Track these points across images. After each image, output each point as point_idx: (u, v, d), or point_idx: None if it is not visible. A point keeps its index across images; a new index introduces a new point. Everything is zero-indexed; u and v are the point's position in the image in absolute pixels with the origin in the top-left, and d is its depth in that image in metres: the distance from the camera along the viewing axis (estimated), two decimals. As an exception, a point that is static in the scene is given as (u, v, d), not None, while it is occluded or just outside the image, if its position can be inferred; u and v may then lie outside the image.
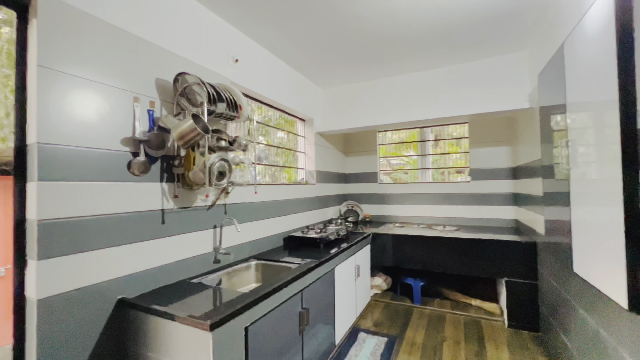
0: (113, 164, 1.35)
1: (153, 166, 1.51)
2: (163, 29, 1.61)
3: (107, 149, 1.32)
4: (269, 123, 2.89)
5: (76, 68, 1.23)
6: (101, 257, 1.29)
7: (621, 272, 1.11)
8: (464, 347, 2.30)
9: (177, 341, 1.20)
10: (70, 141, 1.21)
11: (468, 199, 3.45)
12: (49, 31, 1.16)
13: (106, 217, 1.31)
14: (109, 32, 1.35)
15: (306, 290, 1.81)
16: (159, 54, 1.58)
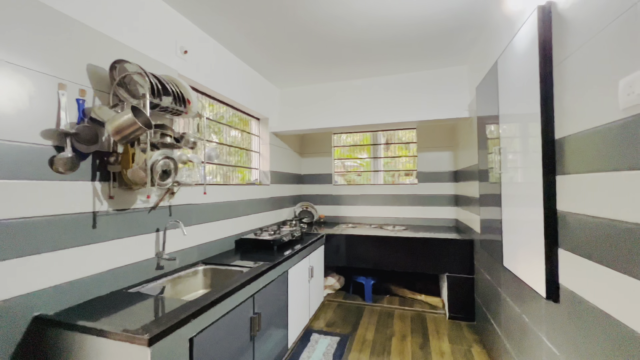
0: (31, 160, 1.16)
1: (83, 163, 1.34)
2: (97, 9, 1.43)
3: (22, 142, 1.13)
4: (222, 121, 2.76)
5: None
6: (13, 268, 1.10)
7: (541, 265, 1.26)
8: (410, 341, 2.43)
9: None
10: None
11: (415, 200, 3.67)
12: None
13: (20, 221, 1.12)
14: (30, 6, 1.16)
15: (258, 294, 1.76)
16: (92, 37, 1.40)
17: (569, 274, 1.14)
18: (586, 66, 1.02)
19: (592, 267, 1.00)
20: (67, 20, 1.29)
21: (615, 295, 0.89)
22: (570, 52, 1.11)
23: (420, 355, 2.23)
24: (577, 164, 1.07)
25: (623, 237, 0.85)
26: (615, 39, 0.89)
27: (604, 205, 0.94)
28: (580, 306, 1.06)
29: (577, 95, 1.07)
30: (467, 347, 2.32)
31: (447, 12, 2.00)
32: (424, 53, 2.61)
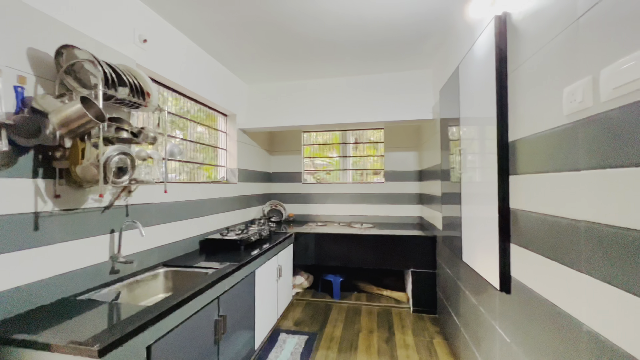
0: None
1: (22, 158, 1.20)
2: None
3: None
4: (187, 116, 2.63)
5: None
6: None
7: (495, 259, 1.35)
8: (377, 335, 2.50)
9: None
10: None
11: (382, 199, 3.76)
12: None
13: (-58, 223, 0.98)
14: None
15: (224, 296, 1.70)
16: (34, 18, 1.26)
17: (519, 267, 1.23)
18: (536, 74, 1.10)
19: (538, 260, 1.08)
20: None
21: (557, 285, 0.97)
22: (522, 60, 1.19)
23: (386, 348, 2.30)
24: (527, 165, 1.16)
25: (563, 232, 0.93)
26: (560, 51, 0.96)
27: (548, 203, 1.02)
28: (529, 296, 1.15)
29: (528, 101, 1.15)
30: (429, 339, 2.43)
31: (414, 17, 2.07)
32: (391, 55, 2.68)
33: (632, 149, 0.70)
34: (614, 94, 0.75)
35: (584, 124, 0.85)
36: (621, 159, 0.73)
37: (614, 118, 0.75)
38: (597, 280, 0.80)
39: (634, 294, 0.69)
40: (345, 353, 2.24)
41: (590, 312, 0.83)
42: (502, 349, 1.37)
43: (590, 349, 0.83)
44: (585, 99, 0.84)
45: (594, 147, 0.82)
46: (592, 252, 0.82)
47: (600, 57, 0.79)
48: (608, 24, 0.77)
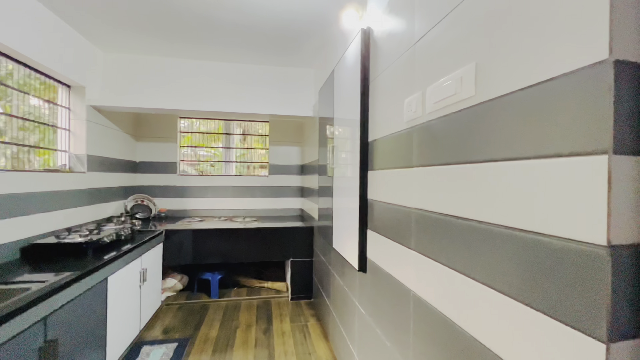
0: None
1: None
2: None
3: None
4: (7, 81, 1.92)
5: None
6: None
7: (355, 243, 1.54)
8: (255, 328, 2.50)
9: None
10: None
11: (266, 192, 3.77)
12: None
13: None
14: None
15: (54, 315, 1.34)
16: None
17: (373, 249, 1.44)
18: (388, 85, 1.29)
19: (385, 241, 1.29)
20: None
21: (396, 261, 1.19)
22: (380, 72, 1.38)
23: (263, 339, 2.33)
24: (380, 162, 1.36)
25: (401, 217, 1.14)
26: (403, 68, 1.16)
27: (391, 194, 1.23)
28: (377, 272, 1.36)
29: (382, 107, 1.35)
30: (304, 323, 2.59)
31: (293, 14, 2.12)
32: (276, 48, 2.68)
33: (442, 151, 0.91)
34: (434, 107, 0.95)
35: (416, 130, 1.06)
36: (435, 158, 0.94)
37: (433, 126, 0.96)
38: (419, 253, 1.02)
39: (441, 262, 0.90)
40: (221, 353, 2.15)
41: (415, 280, 1.05)
42: (360, 321, 1.59)
43: (415, 310, 1.04)
44: (417, 110, 1.04)
45: (422, 148, 1.02)
46: (418, 232, 1.03)
47: (427, 76, 0.99)
48: (433, 53, 0.97)
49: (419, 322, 1.01)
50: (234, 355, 2.13)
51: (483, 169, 0.75)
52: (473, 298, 0.77)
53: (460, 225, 0.82)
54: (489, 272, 0.72)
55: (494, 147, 0.72)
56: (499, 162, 0.70)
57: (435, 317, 0.92)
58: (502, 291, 0.68)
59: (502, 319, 0.68)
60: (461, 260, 0.82)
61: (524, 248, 0.63)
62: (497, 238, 0.70)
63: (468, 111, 0.80)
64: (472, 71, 0.79)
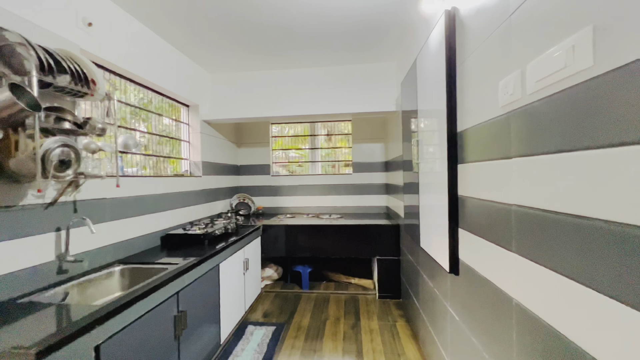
0: None
1: (-58, 151, 1.09)
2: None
3: None
4: (148, 107, 2.50)
5: None
6: None
7: (445, 244, 1.43)
8: (343, 322, 2.57)
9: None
10: None
11: (350, 190, 3.83)
12: None
13: None
14: None
15: (183, 291, 1.66)
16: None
17: (466, 250, 1.31)
18: (478, 68, 1.16)
19: (480, 242, 1.16)
20: None
21: (494, 264, 1.05)
22: (468, 54, 1.25)
23: (351, 334, 2.38)
24: (471, 154, 1.23)
25: (498, 215, 1.01)
26: (497, 46, 1.02)
27: (486, 189, 1.09)
28: (471, 276, 1.24)
29: (473, 93, 1.22)
30: (392, 323, 2.54)
31: (373, 9, 2.09)
32: (356, 47, 2.70)
33: (548, 138, 0.77)
34: (536, 86, 0.81)
35: (515, 115, 0.92)
36: (540, 146, 0.80)
37: (536, 108, 0.82)
38: (521, 257, 0.88)
39: (551, 269, 0.77)
40: (312, 341, 2.29)
41: (518, 287, 0.91)
42: (453, 326, 1.47)
43: (518, 321, 0.91)
44: (515, 91, 0.90)
45: (522, 135, 0.88)
46: (520, 233, 0.89)
47: (527, 51, 0.85)
48: (533, 22, 0.83)
49: (524, 335, 0.88)
50: (324, 345, 2.24)
51: (610, 155, 0.60)
52: (599, 315, 0.63)
53: (579, 226, 0.68)
54: (620, 284, 0.58)
55: (624, 128, 0.57)
56: (631, 145, 0.56)
57: (546, 332, 0.79)
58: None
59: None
60: (580, 268, 0.68)
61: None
62: (634, 243, 0.56)
63: (585, 86, 0.66)
64: (588, 37, 0.64)
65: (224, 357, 2.08)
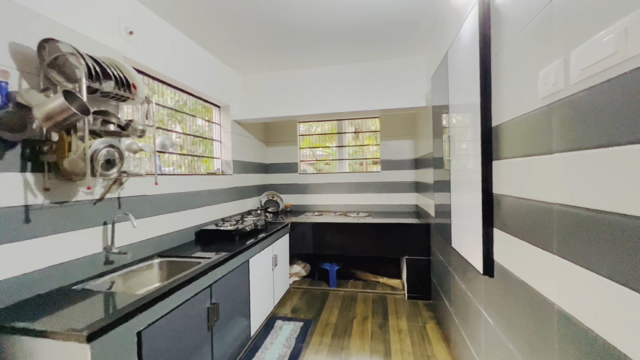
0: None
1: (9, 152, 1.22)
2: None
3: None
4: (183, 109, 2.63)
5: None
6: None
7: (479, 244, 1.37)
8: (371, 321, 2.55)
9: (46, 359, 1.01)
10: None
11: (378, 188, 3.77)
12: None
13: None
14: None
15: (216, 284, 1.74)
16: (14, 12, 1.26)
17: (501, 251, 1.24)
18: (516, 58, 1.09)
19: (517, 243, 1.09)
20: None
21: (533, 267, 0.99)
22: (504, 44, 1.18)
23: (379, 333, 2.35)
24: (508, 150, 1.16)
25: (538, 215, 0.94)
26: (536, 33, 0.95)
27: (524, 187, 1.03)
28: (507, 278, 1.17)
29: (509, 85, 1.15)
30: (422, 324, 2.47)
31: (401, 4, 2.03)
32: (383, 42, 2.65)
33: (596, 131, 0.71)
34: (582, 75, 0.75)
35: (557, 106, 0.86)
36: (586, 140, 0.74)
37: (582, 99, 0.75)
38: (564, 259, 0.82)
39: (600, 274, 0.71)
40: (339, 338, 2.30)
41: (560, 292, 0.85)
42: (487, 331, 1.41)
43: (561, 328, 0.85)
44: (557, 82, 0.84)
45: (565, 129, 0.82)
46: (563, 234, 0.83)
47: (571, 37, 0.79)
48: (579, 5, 0.76)
49: (567, 344, 0.82)
50: (351, 343, 2.24)
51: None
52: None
53: (632, 227, 0.62)
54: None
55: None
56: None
57: (594, 343, 0.73)
58: None
59: None
60: (634, 274, 0.62)
61: None
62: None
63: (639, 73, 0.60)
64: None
65: (254, 350, 2.15)
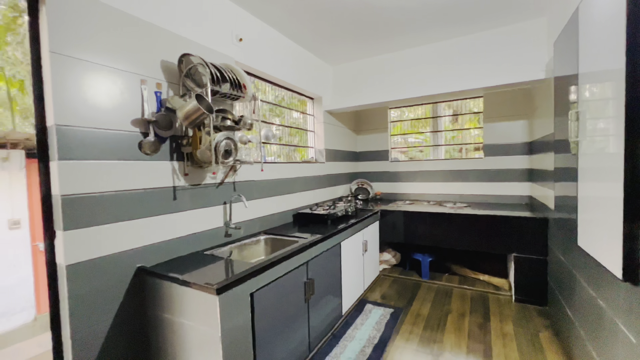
0: (125, 144, 1.44)
1: (163, 145, 1.60)
2: (166, 11, 1.64)
3: (118, 130, 1.41)
4: (281, 103, 2.92)
5: (85, 53, 1.30)
6: (120, 229, 1.41)
7: (618, 244, 1.11)
8: (469, 319, 2.36)
9: (190, 304, 1.32)
10: (85, 123, 1.30)
11: (482, 176, 3.38)
12: (57, 18, 1.22)
13: (122, 193, 1.42)
14: (113, 15, 1.40)
15: (312, 262, 1.90)
16: (163, 36, 1.62)
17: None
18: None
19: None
20: (142, 23, 1.52)
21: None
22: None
23: (478, 333, 2.17)
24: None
25: None
26: None
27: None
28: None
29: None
30: (534, 332, 2.16)
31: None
32: (489, 8, 2.31)
33: None
34: None
35: None
36: None
37: None
38: None
39: None
40: (432, 331, 2.22)
41: None
42: (626, 350, 1.14)
43: None
44: None
45: None
46: None
47: None
48: None
49: None
50: (445, 337, 2.14)
51: None
52: None
53: None
54: None
55: None
56: None
57: None
58: None
59: None
60: None
61: None
62: None
63: None
64: None
65: (345, 327, 2.28)
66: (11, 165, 3.22)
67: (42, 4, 1.22)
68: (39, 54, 1.24)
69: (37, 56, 1.24)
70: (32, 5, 1.24)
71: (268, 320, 1.52)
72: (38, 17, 1.24)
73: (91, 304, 1.31)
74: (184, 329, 1.35)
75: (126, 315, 1.44)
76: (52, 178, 1.26)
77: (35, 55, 1.24)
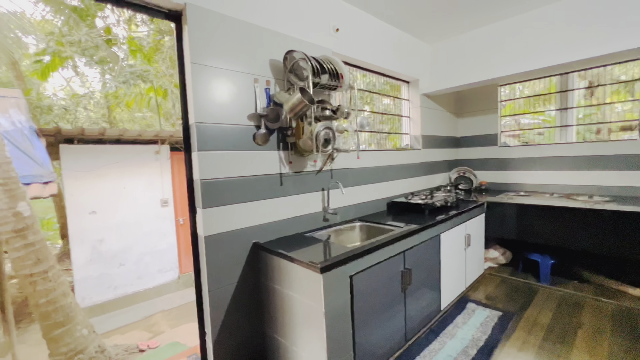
0: (242, 136, 1.67)
1: (271, 137, 1.79)
2: (270, 12, 1.79)
3: (237, 124, 1.64)
4: (373, 89, 2.88)
5: (214, 60, 1.55)
6: (239, 210, 1.66)
7: None
8: (609, 339, 1.92)
9: (296, 278, 1.47)
10: (214, 119, 1.55)
11: (632, 163, 2.64)
12: (196, 33, 1.48)
13: (241, 178, 1.66)
14: (233, 24, 1.62)
15: (408, 252, 1.85)
16: (270, 37, 1.79)
17: None
18: None
19: None
20: (254, 28, 1.71)
21: None
22: None
23: (622, 357, 1.74)
24: None
25: None
26: None
27: None
28: None
29: None
30: None
31: None
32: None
33: None
34: None
35: None
36: None
37: None
38: None
39: None
40: (555, 344, 1.89)
41: None
42: None
43: None
44: None
45: None
46: None
47: None
48: None
49: None
50: (573, 354, 1.79)
51: None
52: None
53: None
54: None
55: None
56: None
57: None
58: None
59: None
60: None
61: None
62: None
63: None
64: None
65: (443, 323, 2.16)
66: (161, 157, 4.15)
67: (184, 24, 1.49)
68: (183, 65, 1.54)
69: (182, 67, 1.54)
70: (177, 26, 1.53)
71: (366, 303, 1.56)
72: (182, 36, 1.53)
73: (221, 268, 1.60)
74: (292, 300, 1.51)
75: (245, 281, 1.70)
76: (193, 166, 1.57)
77: (180, 67, 1.54)
